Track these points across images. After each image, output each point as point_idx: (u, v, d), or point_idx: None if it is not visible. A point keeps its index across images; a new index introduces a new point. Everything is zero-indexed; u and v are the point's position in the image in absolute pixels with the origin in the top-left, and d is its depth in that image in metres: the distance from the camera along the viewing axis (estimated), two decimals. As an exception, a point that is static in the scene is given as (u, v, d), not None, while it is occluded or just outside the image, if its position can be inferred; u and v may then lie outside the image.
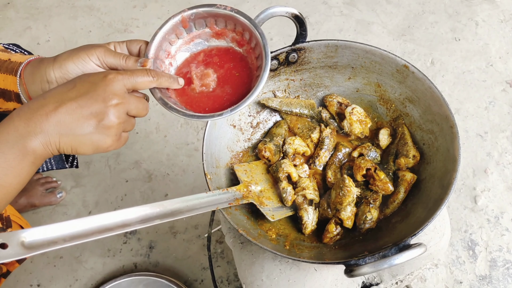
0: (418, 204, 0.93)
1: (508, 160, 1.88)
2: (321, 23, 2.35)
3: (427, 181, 0.96)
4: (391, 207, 0.97)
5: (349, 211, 0.95)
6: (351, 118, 1.05)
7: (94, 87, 0.70)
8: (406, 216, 0.94)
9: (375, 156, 1.04)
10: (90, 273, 1.74)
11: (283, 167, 1.02)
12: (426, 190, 0.94)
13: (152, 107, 2.09)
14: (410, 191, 0.98)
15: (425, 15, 2.33)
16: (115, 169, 1.96)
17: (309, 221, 0.97)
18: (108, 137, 0.72)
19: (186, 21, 0.88)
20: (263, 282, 0.95)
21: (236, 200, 0.94)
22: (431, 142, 0.99)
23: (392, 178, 1.00)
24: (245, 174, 1.02)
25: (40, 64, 0.82)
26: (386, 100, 1.09)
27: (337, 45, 1.06)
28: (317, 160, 1.07)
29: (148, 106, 0.80)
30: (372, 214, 0.94)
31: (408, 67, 1.00)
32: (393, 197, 0.97)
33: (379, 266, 0.74)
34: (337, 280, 0.97)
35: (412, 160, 0.99)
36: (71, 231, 0.70)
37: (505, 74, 2.11)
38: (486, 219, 1.76)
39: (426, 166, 0.98)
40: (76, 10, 2.51)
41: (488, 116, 1.99)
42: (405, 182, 0.97)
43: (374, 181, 0.97)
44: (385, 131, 1.06)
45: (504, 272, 1.65)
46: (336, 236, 0.96)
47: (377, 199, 0.97)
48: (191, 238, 1.78)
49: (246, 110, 1.11)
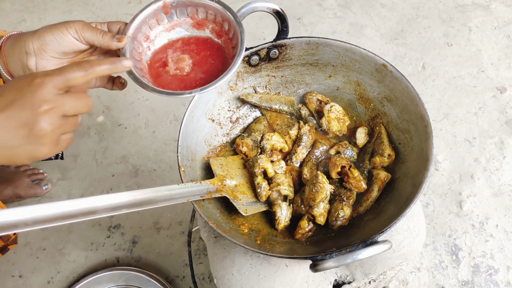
0: (390, 202, 0.93)
1: (496, 166, 1.88)
2: (315, 24, 2.36)
3: (400, 180, 0.96)
4: (364, 205, 0.97)
5: (322, 207, 0.95)
6: (329, 115, 1.06)
7: (21, 94, 0.66)
8: (378, 214, 0.94)
9: (351, 154, 1.04)
10: (72, 265, 1.74)
11: (259, 163, 1.02)
12: (399, 189, 0.94)
13: (142, 102, 2.10)
14: (384, 189, 0.98)
15: (418, 19, 2.34)
16: (102, 163, 1.96)
17: (282, 217, 0.97)
18: (42, 145, 0.68)
19: (168, 7, 0.89)
20: (233, 276, 0.95)
21: (209, 193, 0.93)
22: (406, 141, 0.99)
23: (367, 176, 1.00)
24: (221, 168, 1.02)
25: (20, 36, 0.82)
26: (365, 99, 1.09)
27: (318, 42, 1.06)
28: (294, 156, 1.07)
29: (91, 100, 0.75)
30: (344, 212, 0.94)
31: (387, 66, 1.00)
32: (366, 195, 0.97)
33: (342, 260, 0.74)
34: (308, 277, 0.97)
35: (387, 159, 0.99)
36: (34, 215, 0.70)
37: (496, 80, 2.11)
38: (471, 224, 1.75)
39: (401, 165, 0.98)
40: (71, 4, 2.52)
41: (477, 122, 1.99)
42: (379, 181, 0.97)
43: (348, 179, 0.97)
44: (362, 129, 1.06)
45: (487, 278, 1.65)
46: (308, 232, 0.95)
47: (351, 197, 0.96)
48: (175, 234, 1.77)
49: (226, 104, 1.11)
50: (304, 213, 0.97)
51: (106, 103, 2.12)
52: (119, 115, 2.09)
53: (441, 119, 2.00)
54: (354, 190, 0.97)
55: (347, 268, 1.04)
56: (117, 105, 2.12)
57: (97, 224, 1.81)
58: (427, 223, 1.75)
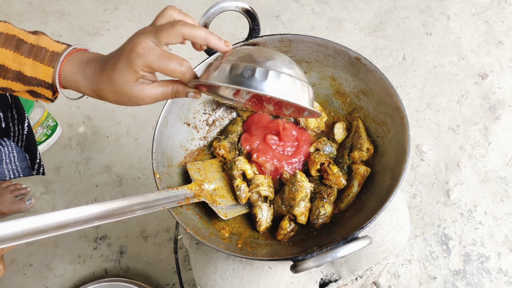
0: (371, 197, 0.92)
1: (481, 153, 1.87)
2: (293, 21, 2.34)
3: (380, 174, 0.94)
4: (345, 201, 0.95)
5: (303, 206, 0.93)
6: None
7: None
8: (360, 209, 0.92)
9: (331, 150, 1.03)
10: (60, 280, 1.71)
11: (237, 164, 1.00)
12: (379, 182, 0.93)
13: (123, 110, 2.07)
14: (364, 184, 0.96)
15: (396, 10, 2.33)
16: (85, 174, 1.93)
17: (263, 218, 0.95)
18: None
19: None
20: (217, 282, 0.93)
21: (186, 199, 0.91)
22: (384, 134, 0.97)
23: (346, 172, 0.99)
24: (198, 172, 1.00)
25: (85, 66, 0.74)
26: (341, 93, 1.07)
27: (291, 39, 1.04)
28: None
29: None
30: (325, 209, 0.92)
31: (360, 60, 0.98)
32: (347, 191, 0.95)
33: (322, 259, 0.72)
34: (293, 278, 0.96)
35: (366, 153, 0.98)
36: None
37: (477, 67, 2.11)
38: (459, 213, 1.75)
39: (380, 158, 0.97)
40: (47, 15, 2.49)
41: (460, 110, 1.99)
42: (358, 176, 0.95)
43: (327, 176, 0.96)
44: (340, 125, 1.05)
45: (478, 266, 1.64)
46: (290, 232, 0.94)
47: (332, 194, 0.95)
48: (163, 242, 1.75)
49: (201, 107, 1.09)
50: (285, 213, 0.96)
51: (86, 113, 2.09)
52: (100, 125, 2.06)
53: (424, 109, 1.99)
54: (335, 187, 0.96)
55: (332, 266, 1.02)
56: (97, 115, 2.09)
57: (84, 236, 1.78)
58: (415, 214, 1.75)
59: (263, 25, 2.29)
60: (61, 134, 2.04)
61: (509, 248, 1.66)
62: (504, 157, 1.85)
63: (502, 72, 2.08)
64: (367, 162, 1.00)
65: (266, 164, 1.01)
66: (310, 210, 0.95)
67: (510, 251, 1.65)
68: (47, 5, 2.52)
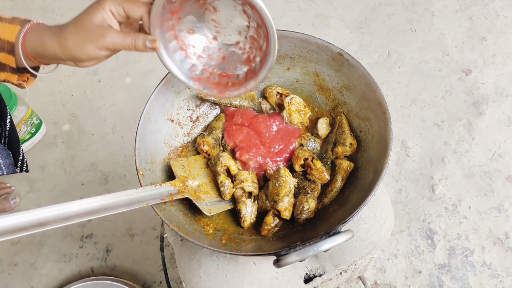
0: (354, 191, 0.92)
1: (465, 148, 1.89)
2: (279, 18, 2.34)
3: (363, 168, 0.95)
4: (329, 196, 0.95)
5: (287, 202, 0.93)
6: (290, 108, 1.04)
7: None
8: (343, 204, 0.93)
9: (314, 146, 1.03)
10: (46, 279, 1.69)
11: (221, 161, 1.00)
12: (362, 177, 0.93)
13: (108, 107, 2.06)
14: (348, 179, 0.97)
15: (381, 7, 2.34)
16: (70, 172, 1.91)
17: (247, 214, 0.95)
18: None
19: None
20: (201, 278, 0.93)
21: (170, 195, 0.91)
22: (367, 129, 0.98)
23: (330, 167, 0.99)
24: (182, 169, 1.00)
25: (43, 35, 0.78)
26: (325, 89, 1.07)
27: (274, 35, 1.04)
28: None
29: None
30: (309, 204, 0.92)
31: (343, 55, 0.99)
32: (330, 186, 0.96)
33: (304, 253, 0.72)
34: (278, 273, 0.96)
35: (349, 148, 0.98)
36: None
37: (461, 63, 2.13)
38: (444, 207, 1.77)
39: (363, 153, 0.97)
40: (31, 12, 2.46)
41: (444, 105, 2.01)
42: (342, 170, 0.96)
43: (311, 171, 0.96)
44: (323, 120, 1.05)
45: (463, 260, 1.66)
46: (274, 228, 0.94)
47: (315, 189, 0.95)
48: (149, 240, 1.74)
49: (184, 104, 1.09)
50: (269, 208, 0.96)
51: (71, 111, 2.08)
52: (85, 122, 2.04)
53: (409, 104, 2.01)
54: (318, 182, 0.96)
55: (317, 260, 1.02)
56: (82, 112, 2.07)
57: (69, 235, 1.77)
58: (401, 209, 1.76)
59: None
60: (46, 132, 2.02)
61: (493, 242, 1.68)
62: (487, 152, 1.87)
63: (486, 68, 2.10)
64: (350, 157, 1.00)
65: (249, 162, 1.01)
66: (294, 205, 0.95)
67: (494, 244, 1.67)
68: (30, 2, 2.49)
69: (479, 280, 1.61)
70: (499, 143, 1.89)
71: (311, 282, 1.01)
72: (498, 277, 1.61)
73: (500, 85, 2.04)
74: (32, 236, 1.77)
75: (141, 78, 2.15)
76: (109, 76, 2.16)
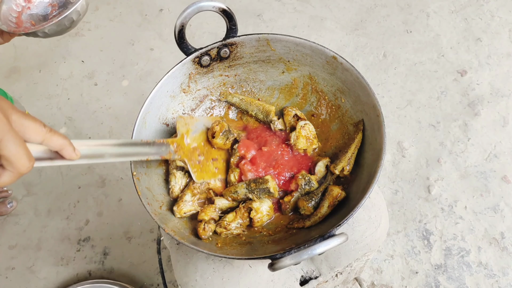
0: (349, 194, 0.93)
1: (461, 148, 1.90)
2: (275, 20, 2.35)
3: (358, 173, 0.95)
4: (312, 220, 0.92)
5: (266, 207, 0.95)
6: (300, 131, 1.01)
7: None
8: (338, 207, 0.93)
9: (310, 186, 1.00)
10: (43, 282, 1.70)
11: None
12: (356, 181, 0.94)
13: (105, 110, 2.06)
14: (343, 183, 0.97)
15: (377, 8, 2.35)
16: (67, 175, 1.91)
17: (176, 185, 0.99)
18: None
19: None
20: (197, 282, 0.93)
21: (169, 153, 0.94)
22: (362, 129, 0.98)
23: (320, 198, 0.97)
24: (185, 126, 1.02)
25: None
26: (319, 92, 1.08)
27: (268, 38, 1.04)
28: None
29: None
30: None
31: (337, 58, 0.99)
32: (316, 211, 0.93)
33: (299, 257, 0.73)
34: (273, 276, 0.96)
35: (338, 172, 0.96)
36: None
37: (456, 64, 2.14)
38: (440, 208, 1.77)
39: (358, 156, 0.98)
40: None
41: (440, 106, 2.02)
42: (330, 197, 0.92)
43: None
44: (322, 163, 1.02)
45: (459, 260, 1.67)
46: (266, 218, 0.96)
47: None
48: (146, 243, 1.75)
49: (180, 108, 1.09)
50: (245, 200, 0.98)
51: (67, 114, 2.08)
52: (82, 125, 2.05)
53: (404, 106, 2.02)
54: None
55: (312, 263, 1.03)
56: (79, 115, 2.07)
57: (66, 238, 1.77)
58: (397, 210, 1.77)
59: (245, 24, 2.31)
60: (42, 136, 2.02)
61: (488, 242, 1.69)
62: (483, 152, 1.88)
63: (481, 69, 2.11)
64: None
65: (248, 174, 1.00)
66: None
67: (489, 245, 1.68)
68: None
69: (475, 280, 1.62)
70: (494, 144, 1.90)
71: (306, 284, 1.02)
72: (494, 277, 1.62)
73: (495, 85, 2.05)
74: (29, 239, 1.77)
75: (137, 81, 2.16)
76: (105, 79, 2.16)
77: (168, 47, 2.24)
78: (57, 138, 0.67)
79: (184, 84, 1.08)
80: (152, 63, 2.19)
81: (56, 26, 0.98)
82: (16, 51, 2.32)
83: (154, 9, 2.38)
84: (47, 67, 2.25)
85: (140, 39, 2.30)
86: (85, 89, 2.15)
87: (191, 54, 1.02)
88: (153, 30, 2.32)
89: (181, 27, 0.97)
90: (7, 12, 1.01)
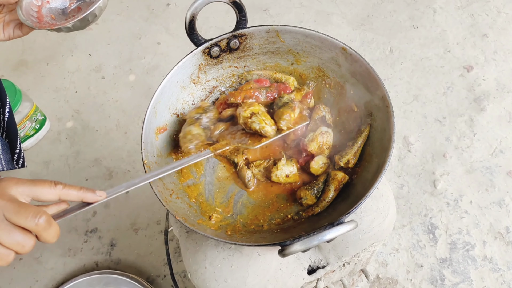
0: (357, 184, 0.94)
1: (467, 143, 1.90)
2: (282, 15, 2.35)
3: (366, 161, 0.96)
4: (320, 205, 0.94)
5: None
6: (317, 136, 1.01)
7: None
8: (346, 197, 0.94)
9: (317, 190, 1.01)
10: (51, 273, 1.71)
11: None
12: (365, 170, 0.95)
13: (112, 103, 2.07)
14: (350, 173, 0.98)
15: (384, 4, 2.35)
16: (74, 167, 1.93)
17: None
18: None
19: None
20: (207, 269, 0.94)
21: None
22: (370, 123, 0.99)
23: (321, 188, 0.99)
24: None
25: None
26: (328, 83, 1.09)
27: (277, 30, 1.06)
28: None
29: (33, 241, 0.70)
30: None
31: (346, 49, 1.00)
32: (323, 196, 0.95)
33: (309, 243, 0.74)
34: (282, 264, 0.97)
35: (343, 164, 0.97)
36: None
37: (462, 59, 2.14)
38: (446, 202, 1.78)
39: (367, 147, 0.99)
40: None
41: (446, 101, 2.02)
42: (335, 181, 0.94)
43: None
44: (319, 158, 1.02)
45: (464, 254, 1.67)
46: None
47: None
48: (153, 234, 1.76)
49: (189, 98, 1.10)
50: None
51: (75, 107, 2.09)
52: (89, 118, 2.06)
53: (411, 101, 2.02)
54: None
55: (320, 252, 1.04)
56: (86, 109, 2.09)
57: (74, 229, 1.79)
58: (403, 204, 1.77)
59: (251, 18, 2.31)
60: (50, 128, 2.04)
61: (493, 236, 1.69)
62: (488, 147, 1.89)
63: (487, 64, 2.11)
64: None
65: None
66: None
67: (494, 239, 1.69)
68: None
69: (480, 274, 1.63)
70: (500, 139, 1.90)
71: (314, 273, 1.03)
72: (499, 271, 1.63)
73: (501, 81, 2.05)
74: (37, 230, 1.78)
75: (144, 75, 2.17)
76: (112, 72, 2.17)
77: (175, 41, 2.25)
78: (72, 191, 0.74)
79: (194, 75, 1.09)
80: (159, 57, 2.20)
81: (80, 22, 0.99)
82: (23, 44, 2.33)
83: (161, 3, 2.39)
84: (54, 60, 2.26)
85: (147, 33, 2.31)
86: (92, 82, 2.16)
87: (201, 45, 1.03)
88: (160, 24, 2.33)
89: (192, 18, 0.98)
90: (28, 7, 1.02)
